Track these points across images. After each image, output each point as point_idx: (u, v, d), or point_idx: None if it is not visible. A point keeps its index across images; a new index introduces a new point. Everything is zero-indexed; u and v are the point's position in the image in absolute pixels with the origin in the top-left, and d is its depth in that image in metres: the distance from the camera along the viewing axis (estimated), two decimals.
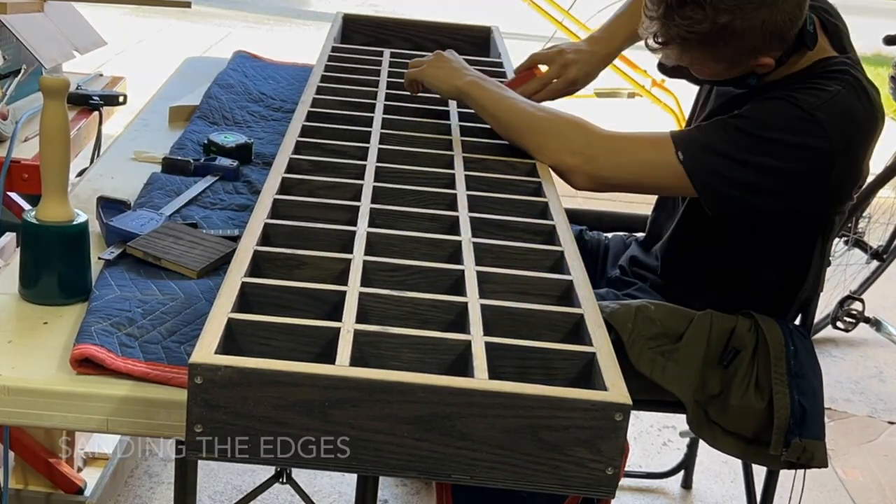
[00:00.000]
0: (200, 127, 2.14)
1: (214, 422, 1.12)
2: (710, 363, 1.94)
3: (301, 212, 1.55)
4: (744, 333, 1.94)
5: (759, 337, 1.94)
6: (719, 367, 1.94)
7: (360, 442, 1.13)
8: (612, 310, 1.92)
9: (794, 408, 1.87)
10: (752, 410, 1.90)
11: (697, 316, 1.95)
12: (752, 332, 1.94)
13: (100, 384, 1.28)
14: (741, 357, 1.93)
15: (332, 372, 1.12)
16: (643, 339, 1.91)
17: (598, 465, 1.14)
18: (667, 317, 1.95)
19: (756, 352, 1.93)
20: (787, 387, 1.89)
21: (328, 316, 1.28)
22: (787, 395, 1.88)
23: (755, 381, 1.91)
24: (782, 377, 1.89)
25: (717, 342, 1.94)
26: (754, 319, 1.95)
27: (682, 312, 1.96)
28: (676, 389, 1.92)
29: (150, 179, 1.86)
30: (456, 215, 1.57)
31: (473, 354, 1.20)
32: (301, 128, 1.86)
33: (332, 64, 2.28)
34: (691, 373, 1.92)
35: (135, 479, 2.63)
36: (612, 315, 1.90)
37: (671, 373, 1.92)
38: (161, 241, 1.58)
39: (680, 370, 1.92)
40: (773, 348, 1.91)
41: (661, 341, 1.93)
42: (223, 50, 7.01)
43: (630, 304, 1.95)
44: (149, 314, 1.41)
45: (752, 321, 1.95)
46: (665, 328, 1.93)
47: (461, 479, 1.14)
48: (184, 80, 2.56)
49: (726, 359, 1.93)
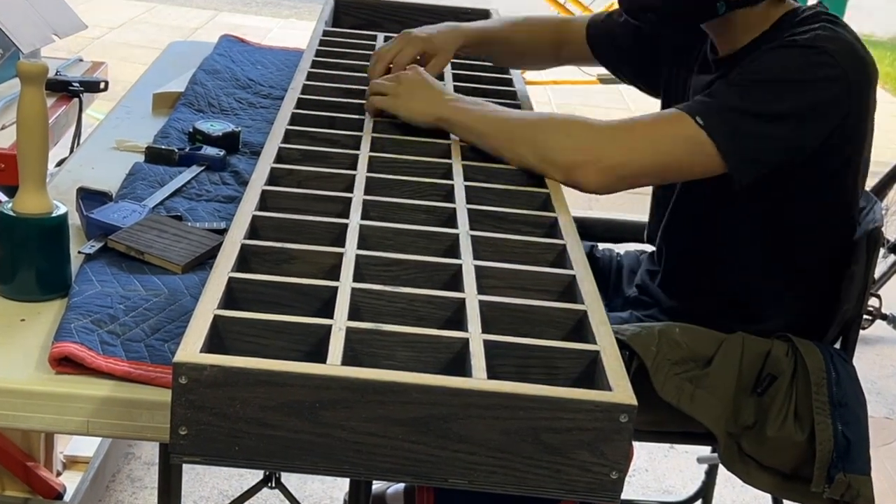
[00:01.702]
0: (185, 114, 2.14)
1: (200, 423, 1.12)
2: (743, 391, 1.84)
3: (290, 203, 1.54)
4: (780, 358, 1.84)
5: (797, 362, 1.83)
6: (753, 395, 1.84)
7: (352, 445, 1.13)
8: (633, 333, 1.83)
9: (837, 440, 1.78)
10: (791, 443, 1.80)
11: (728, 339, 1.86)
12: (789, 357, 1.84)
13: (80, 384, 1.28)
14: (778, 384, 1.83)
15: (323, 371, 1.12)
16: (668, 363, 1.82)
17: (602, 468, 1.14)
18: (694, 340, 1.86)
19: (794, 378, 1.83)
20: (830, 417, 1.79)
21: (319, 313, 1.28)
22: (830, 426, 1.78)
23: (794, 411, 1.81)
24: (824, 406, 1.80)
25: (751, 368, 1.85)
26: (791, 343, 1.85)
27: (710, 335, 1.87)
28: (707, 419, 1.82)
29: (133, 169, 1.86)
30: (453, 207, 1.57)
31: (471, 353, 1.20)
32: (290, 115, 1.86)
33: (322, 48, 2.27)
34: (723, 401, 1.83)
35: (116, 483, 2.63)
36: (633, 339, 1.82)
37: (700, 401, 1.82)
38: (144, 235, 1.58)
39: (710, 398, 1.82)
40: (814, 374, 1.81)
41: (689, 366, 1.84)
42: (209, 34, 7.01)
43: (653, 326, 1.87)
44: (131, 311, 1.41)
45: (788, 344, 1.85)
46: (692, 352, 1.84)
47: (458, 483, 1.14)
48: (168, 65, 2.56)
49: (761, 386, 1.83)
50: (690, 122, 1.72)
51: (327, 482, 2.73)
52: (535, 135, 1.76)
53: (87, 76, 2.61)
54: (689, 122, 1.72)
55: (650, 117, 1.80)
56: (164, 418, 1.17)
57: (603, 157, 1.73)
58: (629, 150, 1.74)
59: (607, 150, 1.74)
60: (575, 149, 1.73)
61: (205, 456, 1.14)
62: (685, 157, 1.74)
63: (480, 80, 2.19)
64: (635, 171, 1.75)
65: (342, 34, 2.43)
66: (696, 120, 1.71)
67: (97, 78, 2.58)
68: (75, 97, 2.47)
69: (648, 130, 1.76)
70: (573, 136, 1.76)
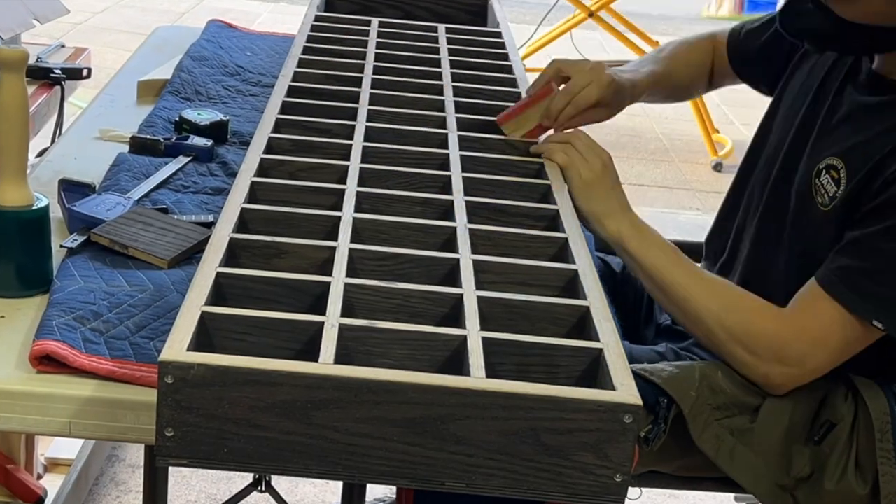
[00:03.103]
0: (171, 103, 2.14)
1: (187, 425, 1.12)
2: (796, 439, 1.73)
3: (281, 195, 1.54)
4: (839, 403, 1.73)
5: (858, 406, 1.72)
6: (809, 443, 1.73)
7: (345, 446, 1.13)
8: (669, 374, 1.72)
9: None
10: (853, 496, 1.70)
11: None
12: (849, 402, 1.73)
13: (62, 383, 1.28)
14: (837, 432, 1.71)
15: (315, 370, 1.12)
16: (709, 409, 1.71)
17: (606, 471, 1.14)
18: (739, 384, 1.73)
19: (855, 425, 1.71)
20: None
21: (311, 309, 1.28)
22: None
23: (855, 461, 1.70)
24: (889, 455, 1.69)
25: (805, 414, 1.73)
26: (851, 384, 1.74)
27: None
28: (747, 481, 1.72)
29: (117, 160, 1.86)
30: (450, 199, 1.57)
31: (469, 351, 1.20)
32: (281, 104, 1.86)
33: (315, 34, 2.27)
34: (767, 459, 1.72)
35: (100, 487, 2.63)
36: (669, 382, 1.71)
37: (741, 459, 1.71)
38: (129, 228, 1.58)
39: (753, 458, 1.71)
40: (877, 420, 1.70)
41: (731, 411, 1.72)
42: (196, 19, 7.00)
43: (692, 367, 1.75)
44: (115, 307, 1.41)
45: (847, 386, 1.74)
46: (736, 398, 1.73)
47: (456, 486, 1.14)
48: (153, 51, 2.56)
49: (818, 434, 1.72)
50: (866, 326, 1.64)
51: (319, 486, 2.73)
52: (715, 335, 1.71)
53: (69, 63, 2.60)
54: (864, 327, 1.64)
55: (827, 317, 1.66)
56: (150, 419, 1.17)
57: (801, 372, 1.69)
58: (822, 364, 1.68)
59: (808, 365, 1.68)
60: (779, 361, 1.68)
61: (192, 458, 1.13)
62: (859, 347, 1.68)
63: (476, 66, 2.18)
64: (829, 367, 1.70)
65: (335, 19, 2.42)
66: (875, 325, 1.63)
67: (80, 65, 2.58)
68: (57, 85, 2.47)
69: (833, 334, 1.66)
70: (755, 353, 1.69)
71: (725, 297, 1.74)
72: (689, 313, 1.73)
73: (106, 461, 2.74)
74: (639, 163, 5.45)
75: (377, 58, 2.15)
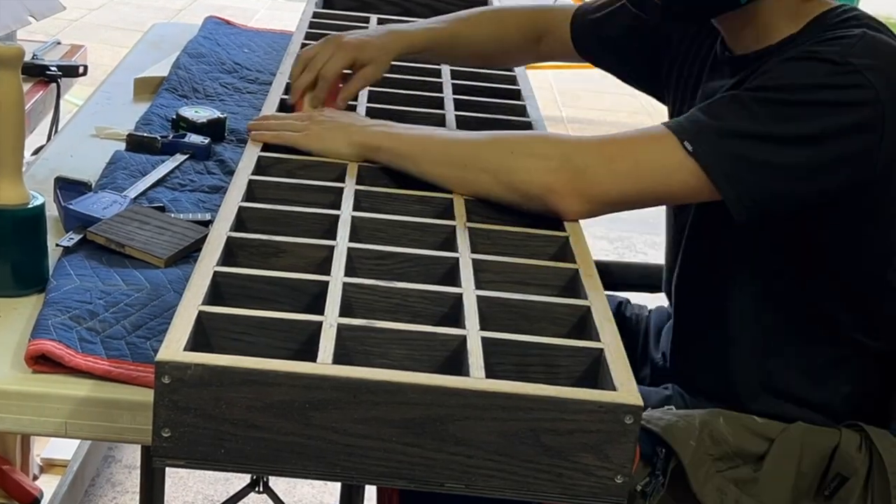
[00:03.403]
0: (168, 100, 2.14)
1: (183, 425, 1.12)
2: (804, 493, 1.61)
3: (279, 194, 1.54)
4: (851, 454, 1.60)
5: (872, 457, 1.60)
6: (819, 497, 1.61)
7: (343, 447, 1.13)
8: (667, 423, 1.61)
9: None
10: None
11: (785, 431, 1.62)
12: (863, 453, 1.60)
13: (57, 383, 1.28)
14: (850, 486, 1.59)
15: (313, 371, 1.12)
16: (710, 460, 1.60)
17: (607, 472, 1.14)
18: (741, 432, 1.63)
19: (870, 479, 1.59)
20: None
21: (309, 309, 1.28)
22: None
23: None
24: None
25: (815, 465, 1.61)
26: (864, 433, 1.61)
27: (763, 427, 1.64)
28: None
29: (113, 158, 1.86)
30: (449, 197, 1.57)
31: (469, 351, 1.20)
32: (279, 101, 1.86)
33: (313, 31, 2.27)
34: None
35: (96, 488, 2.63)
36: (668, 431, 1.60)
37: None
38: (125, 227, 1.58)
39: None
40: (893, 474, 1.58)
41: (734, 462, 1.61)
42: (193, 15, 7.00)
43: (692, 415, 1.63)
44: (112, 306, 1.41)
45: (861, 435, 1.61)
46: (739, 448, 1.62)
47: (455, 487, 1.14)
48: (150, 48, 2.56)
49: (829, 488, 1.60)
50: (677, 144, 1.52)
51: (318, 487, 2.73)
52: (496, 158, 1.57)
53: (65, 60, 2.61)
54: (676, 144, 1.52)
55: (633, 134, 1.60)
56: (146, 419, 1.17)
57: (583, 182, 1.54)
58: (611, 174, 1.55)
59: (588, 172, 1.54)
60: (549, 170, 1.54)
61: (189, 459, 1.14)
62: (674, 185, 1.55)
63: None
64: (621, 198, 1.57)
65: (333, 16, 2.42)
66: (685, 145, 1.51)
67: (76, 62, 2.58)
68: (53, 82, 2.47)
69: (630, 150, 1.56)
70: (544, 157, 1.56)
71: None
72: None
73: (102, 462, 2.74)
74: None
75: None
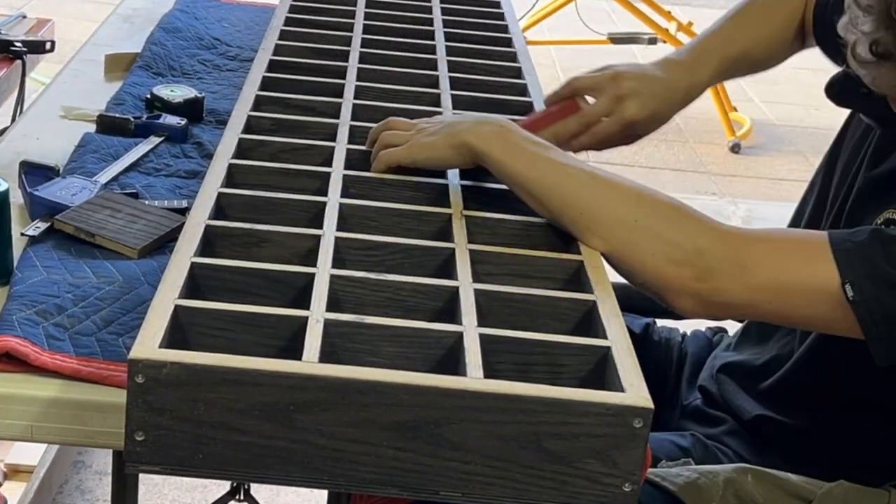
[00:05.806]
0: (142, 79, 2.14)
1: (158, 428, 1.12)
2: None
3: (261, 179, 1.54)
4: None
5: None
6: None
7: (331, 452, 1.13)
8: (686, 481, 1.53)
9: None
10: None
11: (822, 491, 1.54)
12: None
13: (23, 383, 1.28)
14: None
15: (298, 370, 1.12)
16: None
17: (614, 479, 1.14)
18: (774, 492, 1.54)
19: None
20: None
21: (293, 303, 1.28)
22: None
23: None
24: None
25: None
26: None
27: (799, 486, 1.55)
28: None
29: (83, 141, 1.86)
30: (445, 183, 1.57)
31: (466, 349, 1.20)
32: (261, 80, 1.86)
33: (298, 4, 2.27)
34: None
35: (64, 495, 2.63)
36: (686, 490, 1.52)
37: None
38: (95, 215, 1.58)
39: None
40: None
41: None
42: None
43: (716, 472, 1.55)
44: (81, 300, 1.41)
45: None
46: None
47: (451, 496, 1.14)
48: (122, 22, 2.56)
49: None
50: (836, 281, 1.36)
51: (303, 494, 2.74)
52: (615, 219, 1.42)
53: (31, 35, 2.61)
54: (835, 279, 1.36)
55: (784, 243, 1.45)
56: (119, 422, 1.17)
57: (704, 286, 1.40)
58: (741, 286, 1.40)
59: (713, 278, 1.40)
60: (669, 261, 1.40)
61: (164, 465, 1.14)
62: (815, 318, 1.43)
63: (473, 39, 2.18)
64: (742, 311, 1.49)
65: None
66: (846, 288, 1.36)
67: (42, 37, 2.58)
68: (18, 59, 2.47)
69: (775, 264, 1.40)
70: (672, 243, 1.41)
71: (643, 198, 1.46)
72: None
73: (71, 468, 2.74)
74: (649, 144, 5.44)
75: (366, 29, 2.15)
